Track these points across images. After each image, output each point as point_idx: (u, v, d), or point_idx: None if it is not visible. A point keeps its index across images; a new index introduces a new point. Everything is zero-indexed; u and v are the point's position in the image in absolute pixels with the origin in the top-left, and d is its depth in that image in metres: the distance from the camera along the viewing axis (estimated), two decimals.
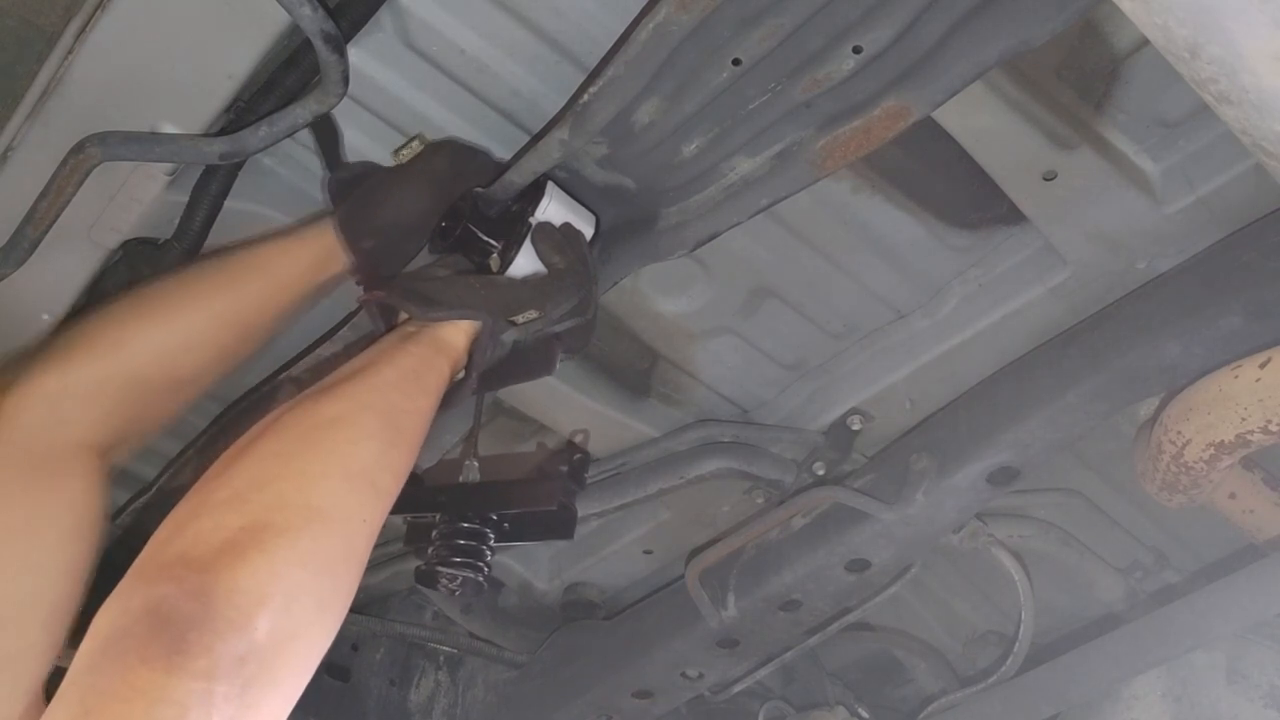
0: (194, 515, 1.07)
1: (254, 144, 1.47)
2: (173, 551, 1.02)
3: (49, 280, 1.64)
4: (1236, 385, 1.51)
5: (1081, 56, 1.51)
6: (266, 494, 1.08)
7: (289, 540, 1.04)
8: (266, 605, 0.98)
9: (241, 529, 1.03)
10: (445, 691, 2.45)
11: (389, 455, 1.20)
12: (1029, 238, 1.73)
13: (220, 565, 0.99)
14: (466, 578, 1.54)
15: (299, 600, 1.01)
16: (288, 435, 1.16)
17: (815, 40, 1.37)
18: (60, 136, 1.46)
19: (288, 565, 1.03)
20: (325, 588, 1.05)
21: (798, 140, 1.47)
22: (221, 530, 1.03)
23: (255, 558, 1.01)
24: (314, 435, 1.17)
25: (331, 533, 1.08)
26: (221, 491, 1.09)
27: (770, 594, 1.89)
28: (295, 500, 1.08)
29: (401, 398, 1.27)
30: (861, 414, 1.93)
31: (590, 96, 1.40)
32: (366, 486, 1.15)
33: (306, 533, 1.06)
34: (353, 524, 1.12)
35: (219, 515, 1.05)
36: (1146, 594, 2.17)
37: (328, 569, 1.06)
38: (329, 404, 1.21)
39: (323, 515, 1.08)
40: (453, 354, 1.38)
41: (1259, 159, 1.11)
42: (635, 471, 2.00)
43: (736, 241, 1.69)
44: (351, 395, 1.23)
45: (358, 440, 1.18)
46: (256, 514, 1.05)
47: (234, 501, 1.07)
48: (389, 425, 1.22)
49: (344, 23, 1.41)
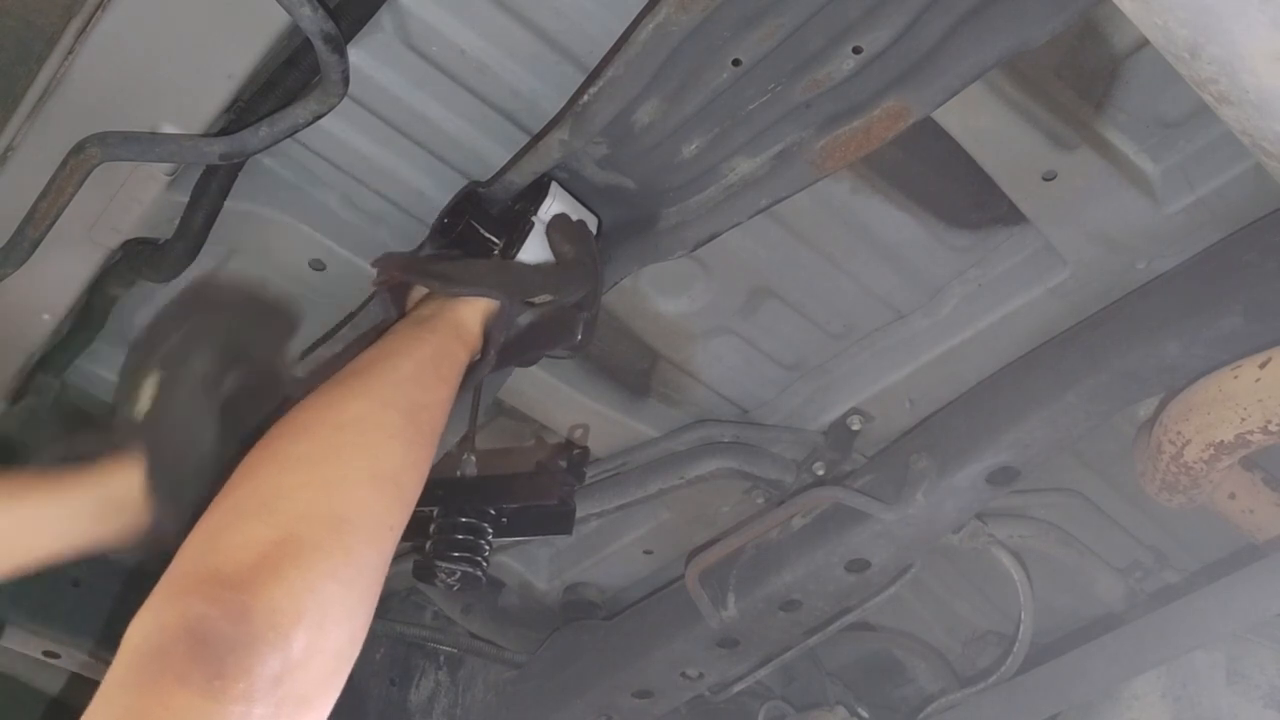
0: (224, 526, 1.05)
1: (254, 144, 1.47)
2: (206, 566, 0.99)
3: (49, 280, 1.64)
4: (1236, 385, 1.51)
5: (1081, 56, 1.51)
6: (296, 503, 1.06)
7: (322, 553, 1.02)
8: (302, 623, 0.97)
9: (274, 543, 1.01)
10: (445, 691, 2.45)
11: (412, 454, 1.18)
12: (1029, 238, 1.73)
13: (257, 583, 0.97)
14: (465, 572, 1.54)
15: (331, 615, 1.00)
16: (311, 437, 1.14)
17: (815, 40, 1.38)
18: (60, 136, 1.46)
19: (322, 579, 1.01)
20: (355, 599, 1.04)
21: (798, 140, 1.47)
22: (254, 544, 1.00)
23: (290, 574, 0.99)
24: (337, 438, 1.14)
25: (360, 542, 1.06)
26: (249, 500, 1.07)
27: (770, 594, 1.89)
28: (323, 510, 1.06)
29: (421, 391, 1.25)
30: (861, 414, 1.93)
31: (590, 97, 1.40)
32: (392, 489, 1.13)
33: (338, 544, 1.04)
34: (380, 530, 1.10)
35: (249, 527, 1.03)
36: (1146, 594, 2.17)
37: (357, 580, 1.05)
38: (349, 402, 1.19)
39: (351, 524, 1.06)
40: (469, 337, 1.37)
41: (1259, 159, 1.12)
42: (635, 471, 2.00)
43: (736, 241, 1.69)
44: (371, 392, 1.21)
45: (381, 441, 1.16)
46: (287, 525, 1.03)
47: (263, 512, 1.05)
48: (410, 422, 1.20)
49: (344, 23, 1.41)
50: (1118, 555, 2.19)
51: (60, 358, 1.86)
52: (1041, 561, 2.09)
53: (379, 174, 1.66)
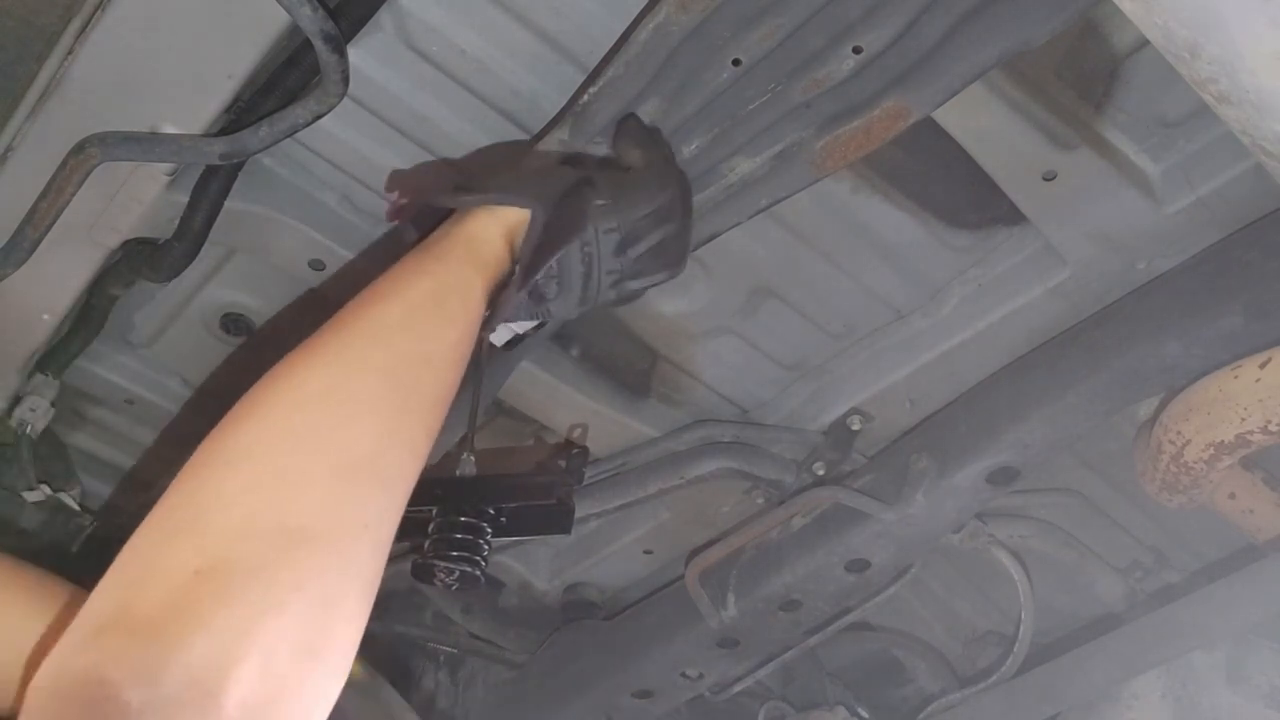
0: (149, 547, 0.83)
1: (254, 144, 1.47)
2: (113, 604, 0.79)
3: (49, 280, 1.64)
4: (1236, 385, 1.51)
5: (1081, 56, 1.51)
6: (232, 515, 0.83)
7: (261, 582, 0.80)
8: (235, 674, 0.75)
9: (198, 573, 0.79)
10: (445, 691, 2.45)
11: (399, 428, 0.94)
12: (1029, 238, 1.73)
13: (173, 630, 0.75)
14: (464, 571, 1.53)
15: (280, 654, 0.78)
16: (262, 423, 0.90)
17: (815, 40, 1.38)
18: (60, 136, 1.46)
19: (264, 615, 0.79)
20: (317, 627, 0.82)
21: (798, 140, 1.47)
22: (174, 575, 0.79)
23: (218, 617, 0.77)
24: (295, 421, 0.90)
25: (324, 554, 0.84)
26: (180, 512, 0.85)
27: (770, 594, 1.89)
28: (267, 522, 0.83)
29: (414, 340, 1.01)
30: (861, 414, 1.93)
31: (590, 96, 1.40)
32: (366, 481, 0.90)
33: (286, 565, 0.82)
34: (349, 537, 0.87)
35: (173, 552, 0.81)
36: (1146, 594, 2.17)
37: (319, 604, 0.83)
38: (315, 372, 0.94)
39: (305, 537, 0.84)
40: (490, 259, 1.10)
41: (1259, 159, 1.12)
42: (635, 471, 2.00)
43: (736, 241, 1.69)
44: (343, 354, 0.96)
45: (351, 419, 0.92)
46: (216, 548, 0.81)
47: (193, 529, 0.83)
48: (395, 386, 0.96)
49: (344, 23, 1.41)
50: (1118, 555, 2.19)
51: (60, 358, 1.86)
52: (1041, 561, 2.09)
53: (379, 174, 1.65)
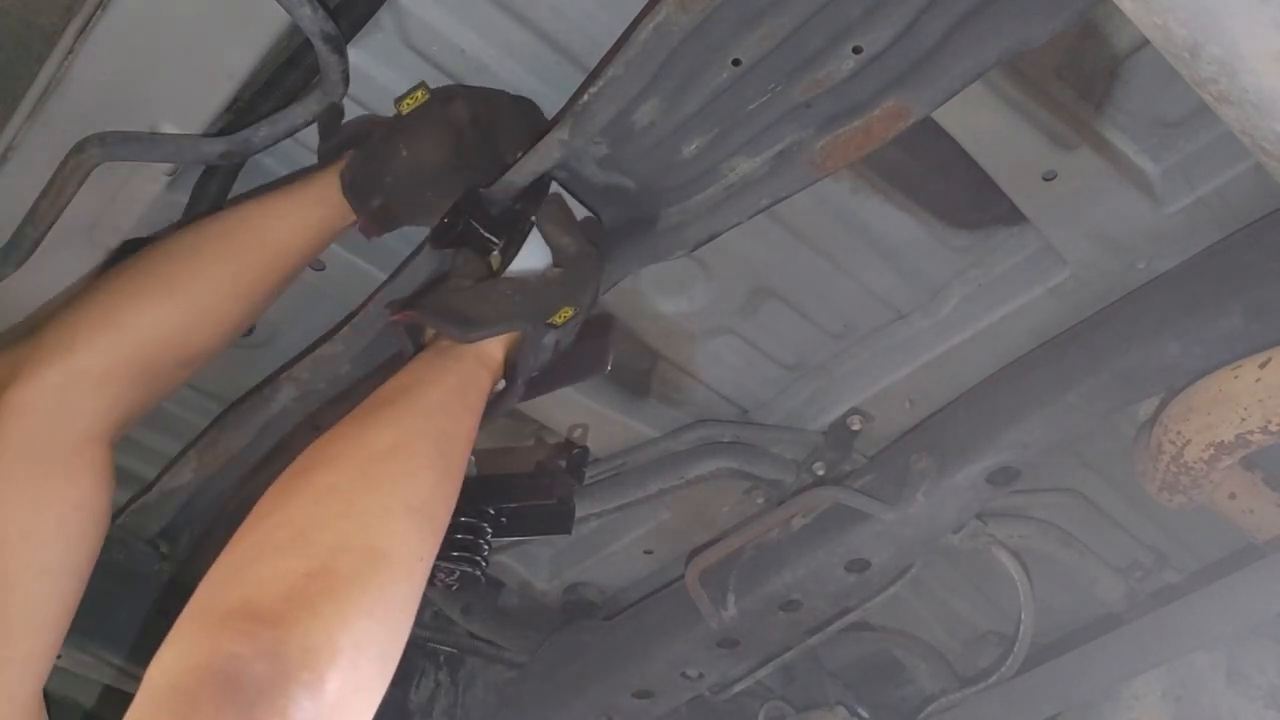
0: (254, 558, 1.01)
1: (254, 144, 1.47)
2: (236, 600, 0.95)
3: (49, 280, 1.64)
4: (1236, 385, 1.51)
5: (1081, 56, 1.51)
6: (329, 535, 1.02)
7: (358, 588, 0.98)
8: (337, 662, 0.92)
9: (308, 575, 0.97)
10: (445, 691, 2.45)
11: (443, 485, 1.16)
12: (1029, 238, 1.73)
13: (291, 619, 0.93)
14: (464, 572, 1.53)
15: (366, 652, 0.96)
16: (344, 468, 1.11)
17: (815, 40, 1.38)
18: (60, 136, 1.47)
19: (357, 616, 0.97)
20: (388, 636, 1.00)
21: (798, 140, 1.47)
22: (287, 577, 0.97)
23: (326, 609, 0.95)
24: (372, 469, 1.11)
25: (395, 576, 1.03)
26: (280, 532, 1.03)
27: (770, 594, 1.89)
28: (359, 542, 1.02)
29: (450, 421, 1.22)
30: (861, 414, 1.93)
31: (590, 96, 1.40)
32: (425, 522, 1.11)
33: (373, 578, 1.00)
34: (413, 564, 1.07)
35: (282, 559, 0.99)
36: (1146, 594, 2.17)
37: (391, 615, 1.01)
38: (382, 432, 1.15)
39: (387, 558, 1.03)
40: (493, 365, 1.34)
41: (1259, 159, 1.12)
42: (635, 471, 2.00)
43: (736, 241, 1.69)
44: (403, 422, 1.18)
45: (415, 472, 1.13)
46: (321, 558, 0.99)
47: (296, 543, 1.01)
48: (442, 453, 1.17)
49: (344, 23, 1.41)
50: (1118, 555, 2.19)
51: None
52: (1041, 561, 2.09)
53: None
